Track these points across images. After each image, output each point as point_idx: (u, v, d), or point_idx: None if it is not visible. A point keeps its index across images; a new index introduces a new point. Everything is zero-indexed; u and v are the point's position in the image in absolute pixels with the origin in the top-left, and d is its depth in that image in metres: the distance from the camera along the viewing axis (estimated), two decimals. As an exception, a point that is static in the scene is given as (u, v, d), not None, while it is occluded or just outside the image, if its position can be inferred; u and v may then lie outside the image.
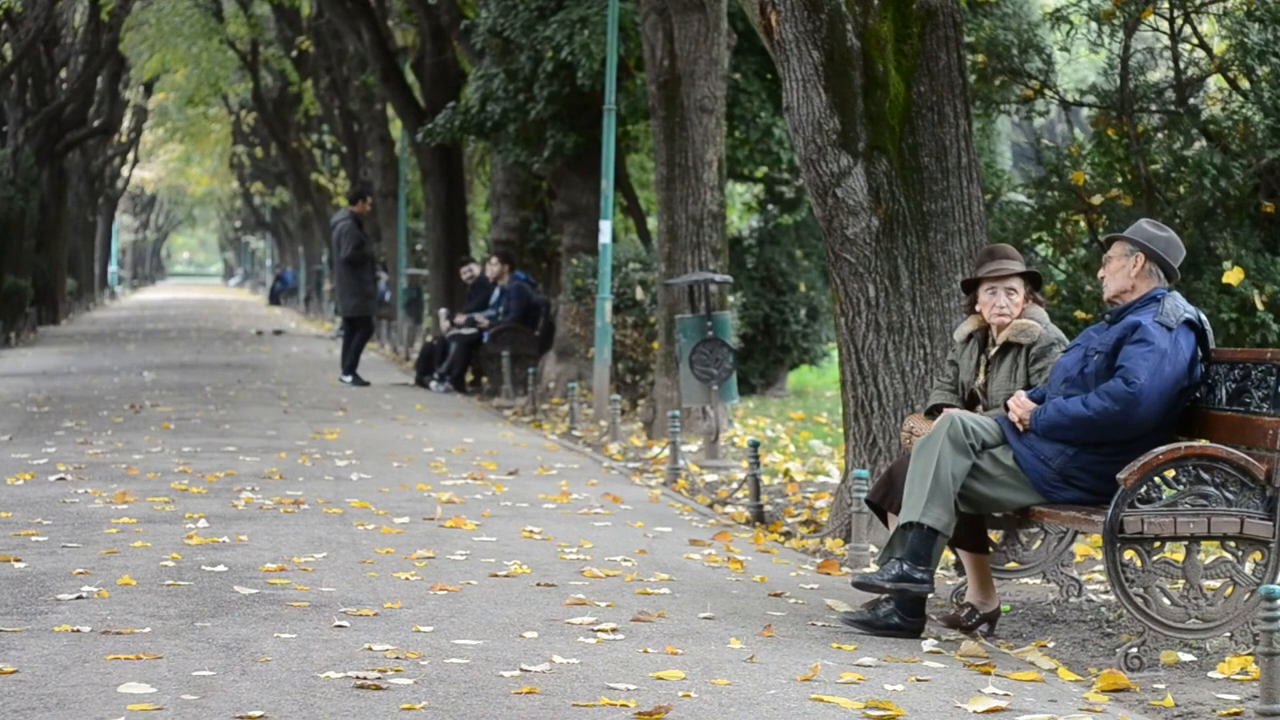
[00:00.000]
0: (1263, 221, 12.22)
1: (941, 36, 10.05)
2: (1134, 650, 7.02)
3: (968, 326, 8.39)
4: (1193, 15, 12.73)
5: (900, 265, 9.89)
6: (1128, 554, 7.06)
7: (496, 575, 8.75)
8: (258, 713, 5.88)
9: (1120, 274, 7.63)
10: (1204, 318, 7.59)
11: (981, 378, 8.23)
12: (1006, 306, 8.16)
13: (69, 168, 47.20)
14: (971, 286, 8.34)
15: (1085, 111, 13.40)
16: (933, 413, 8.24)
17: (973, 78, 12.78)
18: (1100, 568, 8.16)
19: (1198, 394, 7.54)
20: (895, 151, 9.92)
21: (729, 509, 11.92)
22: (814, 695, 6.34)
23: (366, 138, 37.53)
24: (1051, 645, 7.67)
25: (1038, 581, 8.83)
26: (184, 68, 43.48)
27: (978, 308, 8.28)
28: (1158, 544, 7.07)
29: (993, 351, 8.23)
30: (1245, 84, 12.42)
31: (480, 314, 22.42)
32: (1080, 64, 28.81)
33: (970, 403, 8.27)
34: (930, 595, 7.68)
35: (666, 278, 16.29)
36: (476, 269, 23.80)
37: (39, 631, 7.16)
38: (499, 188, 25.40)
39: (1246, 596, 7.05)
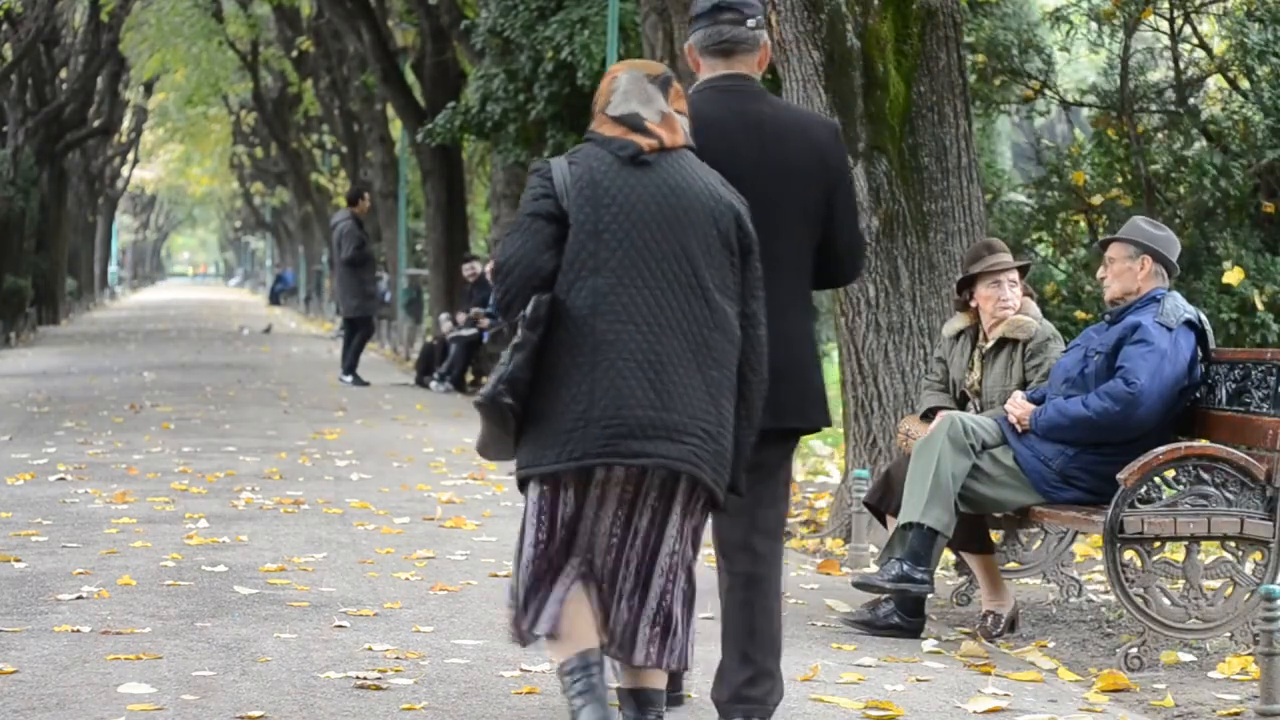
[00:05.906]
0: (1263, 221, 12.23)
1: (941, 36, 10.05)
2: (1134, 650, 7.02)
3: (957, 324, 8.32)
4: (1193, 15, 12.74)
5: (900, 265, 9.89)
6: (1128, 554, 7.06)
7: (496, 575, 8.75)
8: (258, 713, 5.88)
9: (1126, 276, 7.59)
10: (1204, 318, 7.59)
11: (975, 374, 8.17)
12: (1010, 299, 8.08)
13: (69, 168, 47.21)
14: (967, 283, 8.26)
15: (1085, 111, 13.41)
16: (927, 416, 8.18)
17: (973, 78, 12.78)
18: (1100, 568, 8.15)
19: (1198, 394, 7.53)
20: (895, 151, 9.91)
21: (729, 509, 11.89)
22: (814, 695, 6.34)
23: (366, 138, 37.53)
24: (1052, 645, 7.67)
25: (1038, 582, 8.83)
26: (184, 68, 43.51)
27: (974, 303, 8.18)
28: (1158, 544, 7.07)
29: (986, 347, 8.14)
30: (1245, 84, 12.43)
31: (482, 312, 22.43)
32: (1080, 64, 28.78)
33: (961, 402, 8.24)
34: (930, 595, 7.68)
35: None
36: (479, 266, 23.83)
37: (39, 631, 7.16)
38: (499, 188, 25.39)
39: (1246, 596, 7.05)
